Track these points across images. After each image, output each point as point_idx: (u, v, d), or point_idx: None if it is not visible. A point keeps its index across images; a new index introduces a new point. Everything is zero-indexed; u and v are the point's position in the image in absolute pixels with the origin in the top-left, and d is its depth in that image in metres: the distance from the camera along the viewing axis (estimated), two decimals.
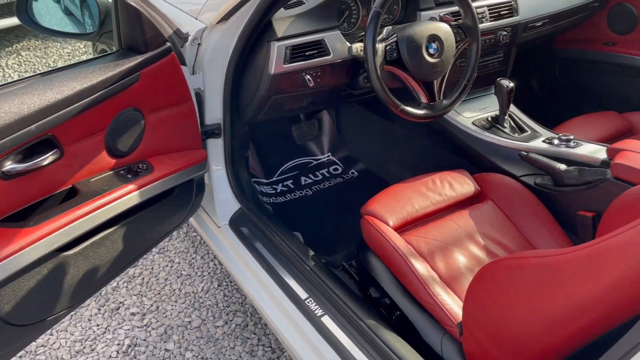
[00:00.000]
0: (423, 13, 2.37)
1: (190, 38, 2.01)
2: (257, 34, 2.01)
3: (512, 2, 2.58)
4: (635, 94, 3.12)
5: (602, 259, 1.17)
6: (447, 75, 2.13)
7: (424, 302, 1.79)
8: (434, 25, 2.05)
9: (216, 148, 2.24)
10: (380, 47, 1.94)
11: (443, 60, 2.05)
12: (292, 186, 2.91)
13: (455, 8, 2.38)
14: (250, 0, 1.90)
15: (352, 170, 3.06)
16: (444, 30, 2.07)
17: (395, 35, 2.01)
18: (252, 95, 2.13)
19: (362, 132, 3.18)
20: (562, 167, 2.15)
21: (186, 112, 1.95)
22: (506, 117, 2.43)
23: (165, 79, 1.79)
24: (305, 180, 2.97)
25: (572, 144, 2.22)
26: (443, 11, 2.38)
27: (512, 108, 2.49)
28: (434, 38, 2.04)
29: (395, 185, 2.20)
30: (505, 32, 2.57)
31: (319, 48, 2.11)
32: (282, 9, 2.06)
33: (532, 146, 2.30)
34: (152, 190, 1.79)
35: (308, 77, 2.09)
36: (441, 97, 2.13)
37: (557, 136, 2.30)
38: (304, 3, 2.15)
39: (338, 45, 2.15)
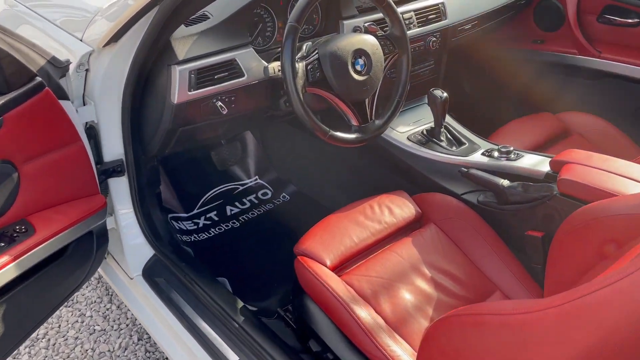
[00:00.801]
0: (346, 22, 2.15)
1: (73, 65, 1.69)
2: (155, 56, 1.72)
3: (440, 5, 2.41)
4: (566, 92, 3.05)
5: (576, 320, 0.97)
6: (377, 92, 1.92)
7: (371, 355, 1.57)
8: (358, 38, 1.83)
9: (120, 188, 1.93)
10: (300, 66, 1.69)
11: (372, 77, 1.84)
12: (216, 218, 2.62)
13: (380, 15, 2.18)
14: (142, 17, 1.60)
15: (283, 194, 2.80)
16: (371, 43, 1.85)
17: (316, 51, 1.77)
18: (155, 128, 1.83)
19: (291, 151, 2.93)
20: (505, 183, 1.99)
21: (74, 153, 1.63)
22: (442, 129, 2.26)
23: (40, 119, 1.47)
24: (231, 210, 2.68)
25: (512, 155, 2.07)
26: (367, 20, 2.17)
27: (448, 119, 2.32)
28: (360, 53, 1.82)
29: (331, 216, 1.96)
30: (434, 38, 2.39)
31: (231, 69, 1.84)
32: (182, 27, 1.78)
33: (472, 160, 2.14)
34: (35, 256, 1.47)
35: (220, 103, 1.82)
36: (373, 117, 1.92)
37: (496, 147, 2.14)
38: (209, 17, 1.87)
39: (253, 64, 1.89)
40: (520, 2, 2.88)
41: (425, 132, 2.35)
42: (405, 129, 2.38)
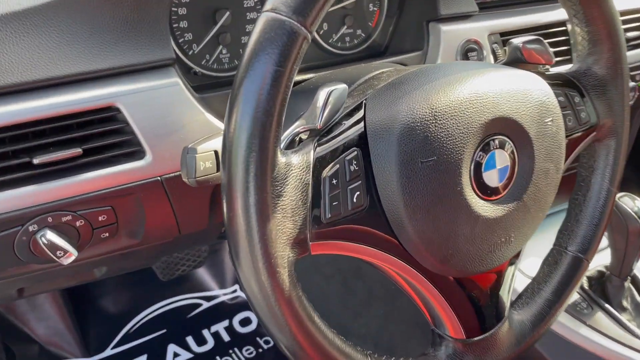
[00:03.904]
0: (445, 29, 0.87)
1: None
2: None
3: None
4: None
5: None
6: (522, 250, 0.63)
7: None
8: (493, 86, 0.58)
9: None
10: (300, 159, 0.51)
11: (525, 201, 0.59)
12: None
13: (531, 19, 0.89)
14: None
15: None
16: (534, 100, 0.60)
17: (360, 121, 0.53)
18: None
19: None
20: None
21: None
22: (626, 283, 1.01)
23: None
24: (178, 354, 1.43)
25: None
26: (508, 30, 0.89)
27: None
28: (497, 131, 0.56)
29: None
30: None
31: (99, 138, 0.61)
32: None
33: None
34: None
35: (52, 238, 0.59)
36: (506, 306, 0.64)
37: None
38: None
39: (184, 124, 0.66)
40: None
41: (588, 284, 1.05)
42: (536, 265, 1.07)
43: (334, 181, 0.52)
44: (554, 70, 0.73)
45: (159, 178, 0.66)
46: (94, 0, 0.61)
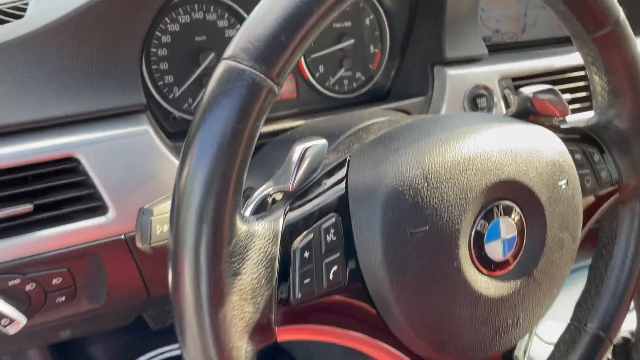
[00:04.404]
0: (451, 73, 0.80)
1: None
2: None
3: None
4: None
5: None
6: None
7: None
8: (499, 144, 0.50)
9: None
10: (266, 226, 0.44)
11: (536, 278, 0.52)
12: None
13: (546, 63, 0.82)
14: None
15: None
16: (546, 160, 0.52)
17: (342, 180, 0.47)
18: None
19: None
20: None
21: None
22: None
23: None
24: None
25: None
26: (518, 75, 0.82)
27: None
28: (504, 195, 0.49)
29: None
30: None
31: (56, 192, 0.56)
32: None
33: None
34: None
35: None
36: None
37: None
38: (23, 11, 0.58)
39: (155, 174, 0.59)
40: None
41: (612, 353, 0.93)
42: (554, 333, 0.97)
43: (307, 254, 0.44)
44: (571, 119, 0.65)
45: (122, 236, 0.59)
46: (56, 38, 0.55)
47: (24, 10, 0.60)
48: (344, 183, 0.47)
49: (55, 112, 0.55)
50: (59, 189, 0.57)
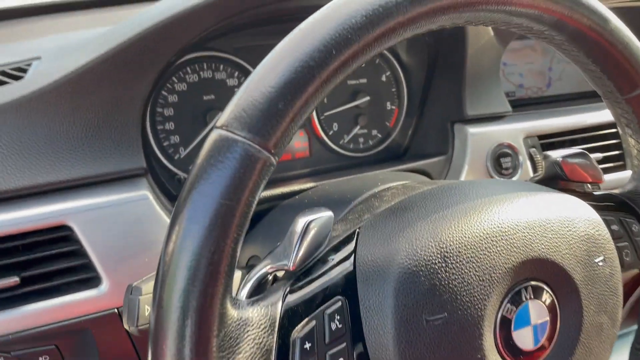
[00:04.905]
0: (472, 131, 0.76)
1: None
2: None
3: None
4: None
5: None
6: None
7: None
8: (526, 219, 0.44)
9: None
10: (261, 311, 0.39)
11: None
12: None
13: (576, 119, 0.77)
14: None
15: None
16: (582, 230, 0.46)
17: (350, 257, 0.42)
18: None
19: None
20: None
21: None
22: None
23: None
24: None
25: None
26: (545, 134, 0.77)
27: None
28: (532, 271, 0.43)
29: None
30: None
31: (44, 264, 0.51)
32: None
33: None
34: None
35: None
36: None
37: None
38: (25, 72, 0.56)
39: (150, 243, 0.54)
40: None
41: None
42: None
43: (308, 345, 0.39)
44: (605, 179, 0.59)
45: (116, 310, 0.55)
46: (52, 101, 0.53)
47: (25, 71, 0.58)
48: (351, 260, 0.43)
49: (49, 178, 0.52)
50: (50, 259, 0.53)
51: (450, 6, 0.40)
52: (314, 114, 0.77)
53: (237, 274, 0.54)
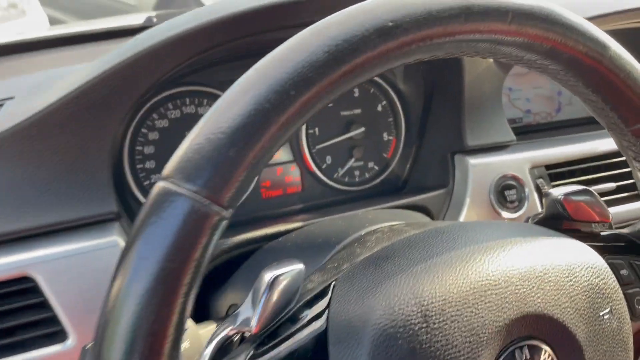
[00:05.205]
0: (473, 162, 0.71)
1: None
2: None
3: None
4: None
5: None
6: None
7: None
8: (528, 267, 0.39)
9: None
10: None
11: None
12: None
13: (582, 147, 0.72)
14: None
15: None
16: (585, 280, 0.41)
17: (325, 312, 0.37)
18: None
19: None
20: None
21: None
22: None
23: None
24: None
25: None
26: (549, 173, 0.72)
27: None
28: (528, 328, 0.38)
29: None
30: None
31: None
32: None
33: None
34: None
35: None
36: None
37: None
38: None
39: None
40: None
41: None
42: None
43: None
44: (618, 210, 0.54)
45: None
46: (16, 144, 0.50)
47: None
48: (324, 318, 0.38)
49: (11, 226, 0.50)
50: (12, 313, 0.50)
51: (425, 37, 0.36)
52: (305, 146, 0.73)
53: (212, 326, 0.50)
